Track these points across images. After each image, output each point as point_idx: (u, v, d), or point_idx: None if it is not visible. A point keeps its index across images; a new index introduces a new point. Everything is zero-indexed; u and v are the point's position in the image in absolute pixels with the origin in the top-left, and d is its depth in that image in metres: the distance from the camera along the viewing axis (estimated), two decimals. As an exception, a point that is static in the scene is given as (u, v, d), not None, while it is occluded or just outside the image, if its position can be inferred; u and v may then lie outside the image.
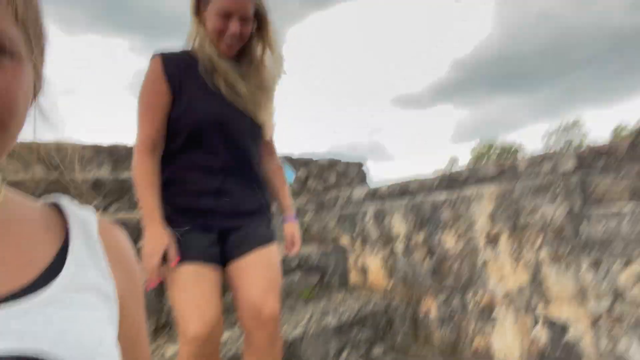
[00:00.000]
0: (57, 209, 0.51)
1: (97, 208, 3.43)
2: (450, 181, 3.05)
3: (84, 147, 4.07)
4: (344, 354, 2.55)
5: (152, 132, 1.41)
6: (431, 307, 2.86)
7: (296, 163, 5.52)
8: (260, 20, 1.50)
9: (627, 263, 2.03)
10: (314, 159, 5.75)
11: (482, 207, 2.58)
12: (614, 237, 2.07)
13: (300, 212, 3.93)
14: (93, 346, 0.41)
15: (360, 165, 6.27)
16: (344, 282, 3.34)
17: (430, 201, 2.86)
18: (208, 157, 1.45)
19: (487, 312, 2.56)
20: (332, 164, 5.92)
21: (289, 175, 1.70)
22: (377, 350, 2.71)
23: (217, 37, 1.43)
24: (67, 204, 0.52)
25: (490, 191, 2.55)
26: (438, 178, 3.13)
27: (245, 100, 1.48)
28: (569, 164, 2.60)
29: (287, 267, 3.00)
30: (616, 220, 2.07)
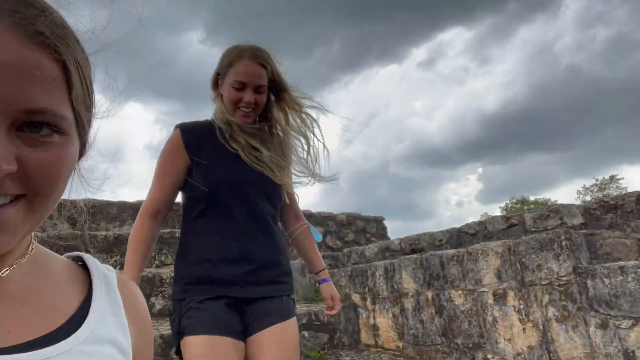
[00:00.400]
0: (80, 265, 0.55)
1: (116, 263, 3.54)
2: (459, 235, 3.03)
3: (109, 205, 4.26)
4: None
5: (159, 196, 1.45)
6: (442, 369, 2.75)
7: (314, 220, 5.57)
8: (276, 87, 1.54)
9: (636, 322, 1.95)
10: (334, 213, 5.81)
11: (489, 262, 2.54)
12: (620, 294, 2.01)
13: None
14: None
15: (380, 220, 6.26)
16: (354, 342, 3.27)
17: (438, 256, 2.84)
18: (226, 221, 1.44)
19: (498, 375, 2.45)
20: (351, 220, 5.95)
21: (317, 236, 1.65)
22: (385, 413, 2.60)
23: (233, 107, 1.49)
24: (90, 260, 0.55)
25: (496, 246, 2.53)
26: (448, 232, 3.11)
27: (264, 163, 1.49)
28: (576, 219, 2.57)
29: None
30: (622, 277, 2.01)
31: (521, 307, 2.37)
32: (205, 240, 1.42)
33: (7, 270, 0.45)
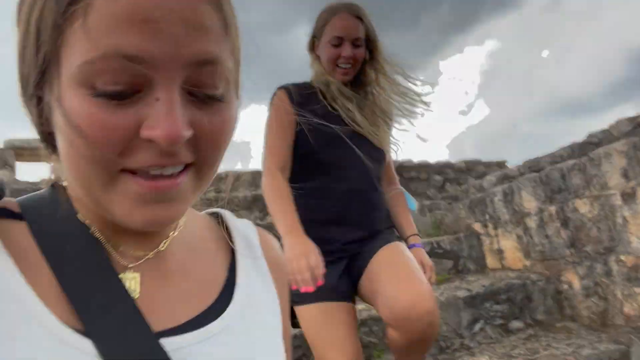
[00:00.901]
0: (218, 220, 0.54)
1: (256, 218, 4.03)
2: (582, 147, 2.91)
3: (244, 173, 4.82)
4: (478, 325, 2.58)
5: (280, 151, 1.40)
6: (573, 280, 2.71)
7: (431, 169, 5.62)
8: (370, 46, 1.50)
9: None
10: (452, 161, 5.77)
11: (613, 164, 2.43)
12: None
13: (432, 207, 4.05)
14: None
15: (502, 163, 6.05)
16: (480, 267, 3.33)
17: (558, 169, 2.77)
18: (333, 182, 1.42)
19: (633, 274, 2.36)
20: (471, 166, 5.85)
21: (411, 204, 1.65)
22: (516, 324, 2.66)
23: (332, 66, 1.47)
24: (229, 217, 0.54)
25: (619, 146, 2.40)
26: (569, 147, 3.00)
27: (363, 124, 1.46)
28: None
29: (419, 252, 3.15)
30: None
31: (654, 201, 2.25)
32: (312, 201, 1.40)
33: (166, 242, 0.45)
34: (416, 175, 5.43)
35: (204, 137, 0.38)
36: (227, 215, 0.54)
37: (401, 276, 1.29)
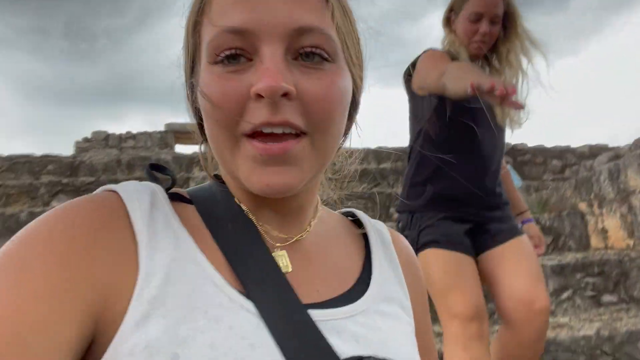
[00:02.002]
0: (351, 220, 0.58)
1: (364, 190, 4.45)
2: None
3: (355, 150, 5.26)
4: (566, 294, 2.68)
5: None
6: (677, 259, 2.64)
7: (549, 153, 5.46)
8: (507, 23, 1.52)
9: None
10: (573, 146, 5.54)
11: None
12: None
13: (539, 187, 4.06)
14: (406, 358, 0.45)
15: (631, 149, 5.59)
16: (582, 246, 3.33)
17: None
18: (473, 151, 1.48)
19: None
20: (596, 152, 5.53)
21: (517, 181, 1.78)
22: (609, 297, 2.70)
23: (467, 40, 1.50)
24: (363, 216, 0.57)
25: None
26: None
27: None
28: None
29: (515, 226, 3.28)
30: None
31: None
32: (452, 168, 1.42)
33: (309, 229, 0.50)
34: (530, 158, 5.35)
35: (311, 101, 0.41)
36: (361, 213, 0.58)
37: (530, 278, 1.38)
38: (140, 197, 0.43)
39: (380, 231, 0.56)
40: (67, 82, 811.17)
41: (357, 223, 0.57)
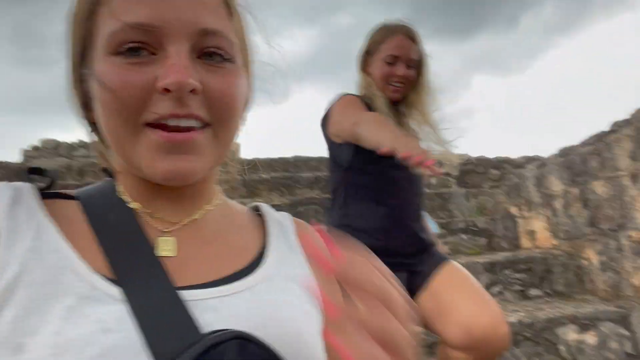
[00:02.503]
0: (258, 213, 0.59)
1: (316, 195, 4.59)
2: (607, 135, 3.13)
3: (310, 159, 5.41)
4: (496, 288, 2.93)
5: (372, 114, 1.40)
6: (591, 256, 2.96)
7: (490, 164, 5.85)
8: (419, 70, 1.54)
9: None
10: (512, 157, 5.96)
11: (623, 147, 2.69)
12: None
13: (477, 194, 4.37)
14: (292, 334, 0.44)
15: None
16: (513, 246, 3.64)
17: (579, 154, 3.04)
18: (392, 192, 1.47)
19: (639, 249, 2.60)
20: (529, 161, 5.98)
21: (433, 226, 1.75)
22: (535, 291, 2.98)
23: (383, 83, 1.49)
24: (266, 208, 0.59)
25: (627, 131, 2.65)
26: (596, 135, 3.24)
27: None
28: None
29: (454, 228, 3.54)
30: None
31: (656, 180, 2.49)
32: (372, 207, 1.43)
33: (201, 212, 0.51)
34: (473, 168, 5.71)
35: (214, 96, 0.44)
36: (266, 206, 0.59)
37: (476, 298, 1.30)
38: None
39: (280, 222, 0.57)
40: (15, 89, 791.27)
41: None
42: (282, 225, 0.57)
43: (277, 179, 4.36)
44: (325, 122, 1.53)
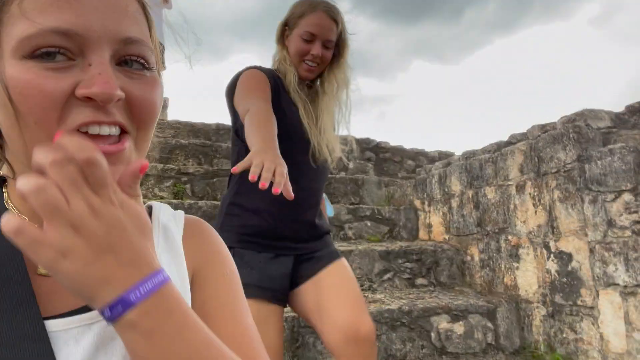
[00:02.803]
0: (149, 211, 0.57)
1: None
2: (505, 145, 3.41)
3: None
4: (388, 275, 3.14)
5: (263, 103, 1.30)
6: (474, 253, 3.25)
7: (406, 154, 6.13)
8: (338, 51, 1.50)
9: (618, 195, 2.27)
10: (426, 150, 6.29)
11: (515, 160, 2.95)
12: (608, 173, 2.33)
13: (389, 183, 4.58)
14: None
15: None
16: (412, 237, 3.89)
17: (478, 160, 3.29)
18: (294, 175, 1.32)
19: (514, 252, 2.90)
20: (443, 156, 6.35)
21: (329, 210, 1.75)
22: (421, 281, 3.23)
23: (298, 60, 1.46)
24: (156, 211, 0.57)
25: (521, 145, 2.91)
26: (496, 143, 3.51)
27: (315, 125, 1.47)
28: (602, 122, 2.81)
29: (360, 215, 3.71)
30: (610, 157, 2.32)
31: (535, 193, 2.77)
32: (267, 190, 1.25)
33: None
34: (390, 156, 5.95)
35: (136, 103, 0.44)
36: (156, 208, 0.57)
37: (355, 303, 1.35)
38: None
39: (167, 227, 0.56)
40: None
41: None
42: (168, 230, 0.55)
43: (196, 146, 4.28)
44: (230, 94, 1.45)
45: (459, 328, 2.63)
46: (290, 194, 0.96)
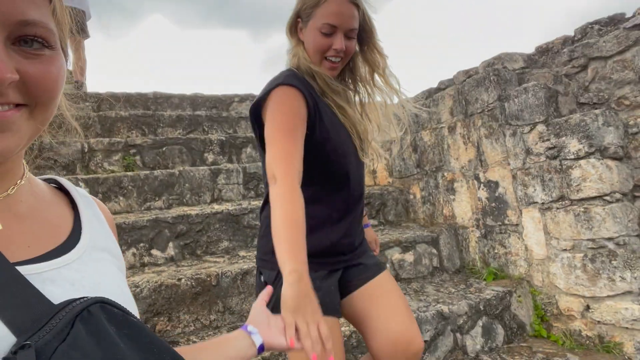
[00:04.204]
0: (55, 187, 0.60)
1: (180, 134, 4.56)
2: (435, 91, 3.73)
3: (172, 96, 5.29)
4: (342, 220, 3.43)
5: (296, 153, 1.12)
6: (416, 192, 3.61)
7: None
8: (364, 34, 1.33)
9: (533, 127, 2.65)
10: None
11: (445, 104, 3.27)
12: (524, 108, 2.69)
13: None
14: (117, 293, 0.51)
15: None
16: (359, 184, 4.19)
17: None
18: (336, 189, 1.30)
19: (450, 186, 3.27)
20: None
21: None
22: (372, 222, 3.55)
23: (319, 57, 1.28)
24: (67, 183, 0.60)
25: (449, 90, 3.23)
26: (427, 90, 3.82)
27: (354, 125, 1.33)
28: (517, 64, 3.17)
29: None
30: (525, 95, 2.68)
31: (464, 133, 3.12)
32: (312, 207, 1.17)
33: (14, 188, 0.51)
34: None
35: (32, 82, 0.44)
36: (62, 179, 0.60)
37: (404, 313, 1.31)
38: None
39: (84, 195, 0.61)
40: None
41: (62, 190, 0.60)
42: (86, 199, 0.61)
43: (137, 117, 4.24)
44: (257, 111, 1.25)
45: (409, 257, 2.98)
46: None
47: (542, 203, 2.62)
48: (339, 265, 1.33)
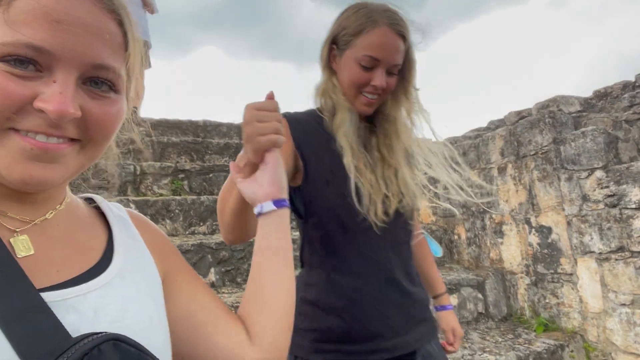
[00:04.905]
0: (92, 205, 0.61)
1: (226, 161, 4.66)
2: (485, 131, 3.67)
3: (220, 124, 5.42)
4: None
5: None
6: (461, 232, 3.51)
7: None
8: (403, 73, 1.12)
9: (591, 172, 2.54)
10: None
11: (496, 144, 3.20)
12: (581, 153, 2.60)
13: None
14: (144, 323, 0.49)
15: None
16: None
17: (461, 145, 3.53)
18: (355, 253, 1.05)
19: (498, 229, 3.16)
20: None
21: (435, 249, 1.41)
22: (414, 261, 3.46)
23: (355, 92, 1.09)
24: (101, 200, 0.61)
25: (501, 131, 3.17)
26: (476, 129, 3.76)
27: (376, 173, 1.10)
28: (573, 107, 3.09)
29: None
30: (583, 139, 2.59)
31: (515, 174, 3.03)
32: (338, 280, 1.03)
33: (52, 212, 0.52)
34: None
35: (92, 121, 0.46)
36: (99, 198, 0.61)
37: None
38: None
39: (118, 214, 0.60)
40: None
41: (98, 208, 0.60)
42: (120, 217, 0.60)
43: (187, 143, 4.37)
44: None
45: (453, 300, 2.87)
46: None
47: (600, 253, 2.48)
48: (382, 354, 1.03)
